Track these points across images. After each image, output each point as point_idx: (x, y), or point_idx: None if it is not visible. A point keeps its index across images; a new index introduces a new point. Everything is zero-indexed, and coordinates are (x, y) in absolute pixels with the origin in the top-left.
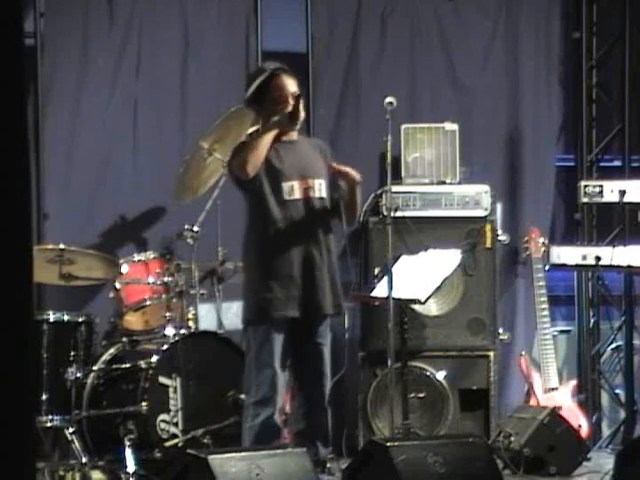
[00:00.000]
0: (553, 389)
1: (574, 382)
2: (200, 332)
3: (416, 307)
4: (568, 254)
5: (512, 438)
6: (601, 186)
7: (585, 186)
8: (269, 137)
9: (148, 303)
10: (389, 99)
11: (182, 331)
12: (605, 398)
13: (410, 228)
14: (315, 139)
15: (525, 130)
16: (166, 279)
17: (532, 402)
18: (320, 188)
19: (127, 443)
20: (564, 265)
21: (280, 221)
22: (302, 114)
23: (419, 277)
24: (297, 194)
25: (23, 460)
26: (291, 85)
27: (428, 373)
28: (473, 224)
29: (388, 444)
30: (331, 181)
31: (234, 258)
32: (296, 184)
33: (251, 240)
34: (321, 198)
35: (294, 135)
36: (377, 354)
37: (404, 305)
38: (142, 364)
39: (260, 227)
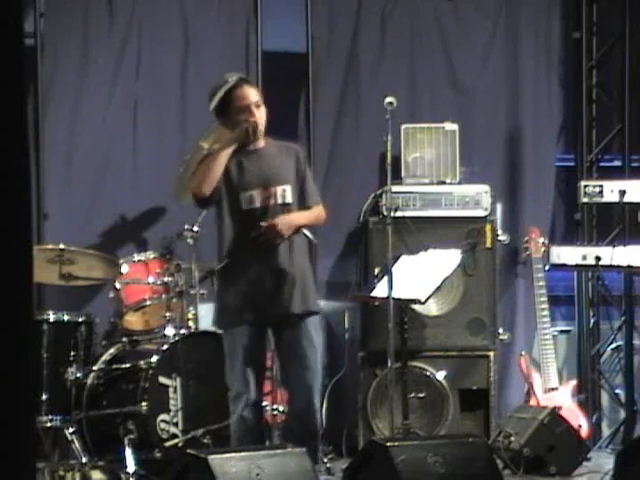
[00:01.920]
0: (553, 389)
1: (574, 382)
2: (200, 332)
3: (416, 307)
4: (568, 254)
5: (512, 438)
6: (601, 186)
7: (585, 186)
8: (225, 155)
9: (148, 303)
10: (389, 99)
11: (182, 331)
12: (605, 398)
13: (410, 228)
14: (288, 143)
15: (525, 130)
16: (166, 279)
17: (532, 402)
18: (284, 194)
19: (127, 443)
20: (564, 265)
21: (237, 230)
22: (262, 124)
23: (419, 277)
24: (256, 203)
25: (23, 460)
26: (253, 95)
27: (428, 373)
28: (473, 224)
29: (388, 444)
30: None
31: None
32: (255, 193)
33: (220, 249)
34: (284, 204)
35: (260, 142)
36: (377, 354)
37: (404, 305)
38: (142, 364)
39: (222, 236)
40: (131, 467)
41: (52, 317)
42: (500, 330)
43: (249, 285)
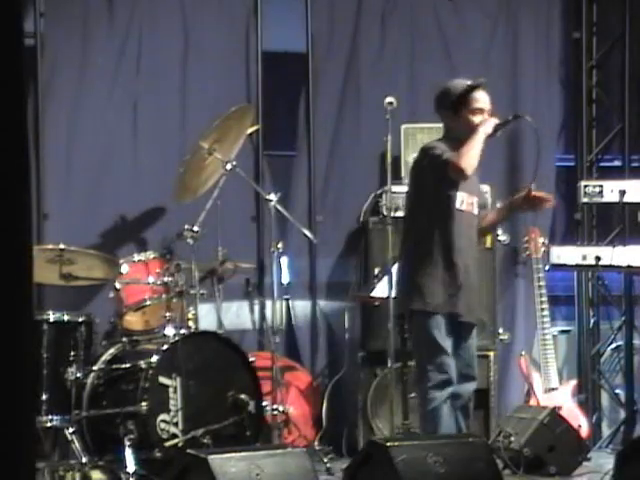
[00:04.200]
0: (553, 389)
1: (574, 382)
2: (200, 332)
3: None
4: (568, 254)
5: (512, 438)
6: (601, 186)
7: (585, 186)
8: (481, 141)
9: (148, 303)
10: (389, 99)
11: (182, 331)
12: (605, 398)
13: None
14: None
15: (525, 130)
16: (166, 279)
17: (532, 402)
18: (475, 205)
19: (127, 443)
20: (564, 265)
21: (453, 229)
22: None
23: None
24: (464, 206)
25: (23, 460)
26: (488, 102)
27: None
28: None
29: (388, 444)
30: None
31: (234, 258)
32: (466, 196)
33: (428, 241)
34: (474, 215)
35: None
36: (377, 354)
37: None
38: (142, 364)
39: (418, 227)
40: (131, 467)
41: (52, 317)
42: (500, 330)
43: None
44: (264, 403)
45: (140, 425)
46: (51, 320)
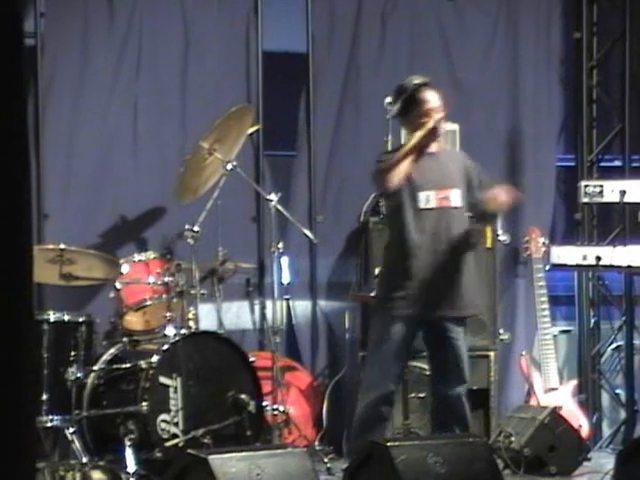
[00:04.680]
0: (553, 389)
1: (574, 382)
2: (200, 332)
3: None
4: (568, 254)
5: (512, 438)
6: (601, 186)
7: (585, 186)
8: (411, 152)
9: (148, 303)
10: (389, 99)
11: (182, 331)
12: (605, 398)
13: None
14: (454, 150)
15: (525, 130)
16: (166, 279)
17: (532, 402)
18: (455, 197)
19: (127, 443)
20: (564, 265)
21: (415, 228)
22: (443, 128)
23: None
24: (432, 203)
25: (23, 460)
26: (435, 100)
27: (428, 373)
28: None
29: (388, 444)
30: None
31: (234, 258)
32: (432, 194)
33: (391, 245)
34: (455, 207)
35: (434, 147)
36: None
37: None
38: (142, 364)
39: (397, 234)
40: (131, 467)
41: (52, 317)
42: (500, 330)
43: (423, 282)
44: (264, 403)
45: (140, 425)
46: (51, 320)
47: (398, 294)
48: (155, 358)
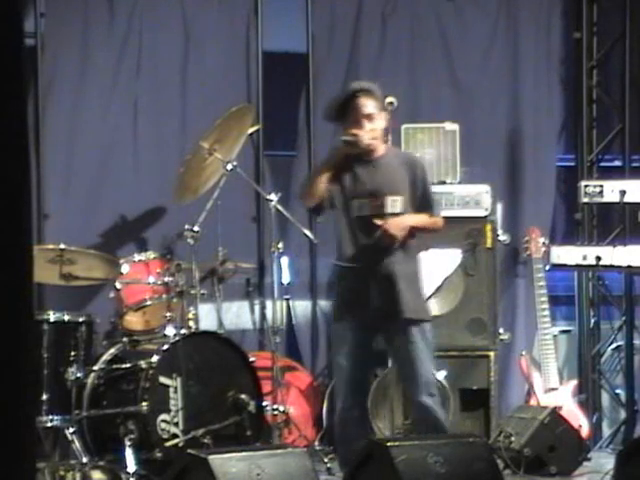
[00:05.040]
0: (553, 389)
1: (574, 382)
2: (200, 332)
3: None
4: (568, 254)
5: (512, 438)
6: (601, 186)
7: (585, 186)
8: (326, 169)
9: (148, 303)
10: (389, 99)
11: (182, 331)
12: (605, 398)
13: None
14: (409, 154)
15: (525, 130)
16: (166, 279)
17: (532, 402)
18: (394, 204)
19: (127, 443)
20: (564, 265)
21: (349, 237)
22: (370, 138)
23: None
24: (367, 211)
25: (23, 460)
26: (365, 107)
27: None
28: (473, 224)
29: (388, 444)
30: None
31: (234, 258)
32: (366, 201)
33: (335, 254)
34: (394, 214)
35: (380, 150)
36: (377, 354)
37: None
38: (142, 364)
39: (337, 242)
40: (131, 467)
41: (52, 317)
42: (500, 330)
43: (356, 287)
44: (264, 403)
45: (140, 425)
46: (51, 320)
47: (339, 303)
48: (155, 358)
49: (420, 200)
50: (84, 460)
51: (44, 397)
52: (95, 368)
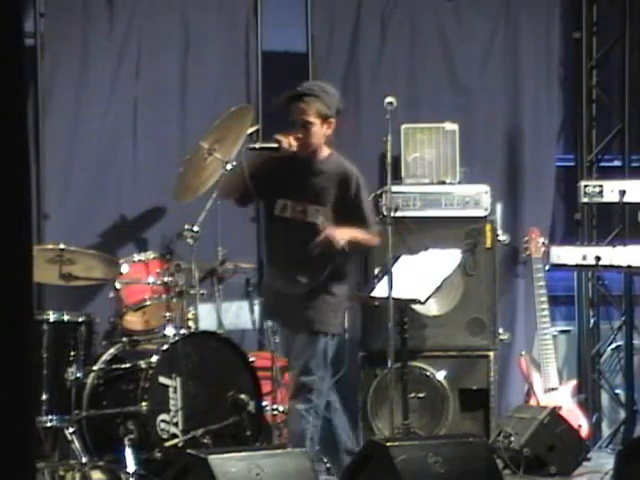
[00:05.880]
0: (553, 389)
1: (574, 382)
2: (200, 332)
3: (416, 307)
4: (568, 254)
5: (512, 438)
6: (601, 186)
7: (585, 186)
8: (243, 172)
9: (148, 303)
10: (389, 99)
11: (182, 331)
12: (605, 398)
13: (410, 228)
14: (347, 168)
15: (525, 130)
16: (166, 279)
17: (532, 402)
18: (314, 214)
19: (127, 443)
20: (564, 265)
21: (269, 234)
22: (302, 144)
23: (419, 277)
24: (287, 213)
25: (23, 460)
26: (299, 113)
27: (428, 373)
28: (473, 224)
29: (388, 444)
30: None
31: (234, 258)
32: (290, 203)
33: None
34: (310, 223)
35: (321, 155)
36: (377, 354)
37: (404, 305)
38: (142, 364)
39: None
40: (131, 467)
41: (52, 317)
42: (500, 330)
43: (274, 287)
44: (264, 403)
45: (140, 425)
46: (51, 320)
47: (265, 305)
48: (155, 358)
49: (350, 214)
50: (84, 460)
51: (44, 397)
52: (95, 368)
